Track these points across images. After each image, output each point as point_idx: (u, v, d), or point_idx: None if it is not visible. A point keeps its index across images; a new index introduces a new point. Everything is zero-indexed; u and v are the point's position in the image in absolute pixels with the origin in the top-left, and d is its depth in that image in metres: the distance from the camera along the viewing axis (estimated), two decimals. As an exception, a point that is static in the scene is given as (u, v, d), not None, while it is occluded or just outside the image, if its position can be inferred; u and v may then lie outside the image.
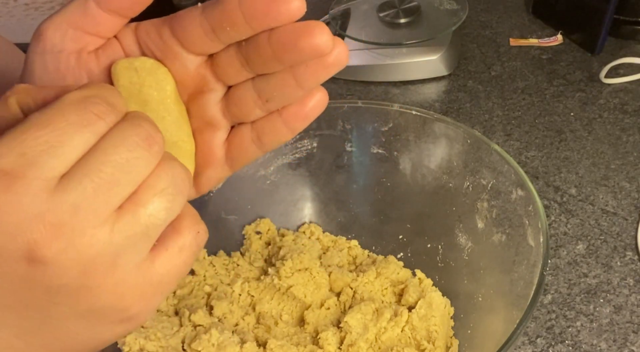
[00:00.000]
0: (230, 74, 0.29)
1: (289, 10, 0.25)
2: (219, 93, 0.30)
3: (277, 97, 0.29)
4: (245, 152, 0.32)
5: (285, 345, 0.47)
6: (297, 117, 0.30)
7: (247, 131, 0.31)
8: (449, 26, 0.79)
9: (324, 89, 0.30)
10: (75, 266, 0.23)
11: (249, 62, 0.29)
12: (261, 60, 0.28)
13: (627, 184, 0.64)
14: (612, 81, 0.75)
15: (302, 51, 0.26)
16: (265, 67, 0.28)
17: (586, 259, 0.57)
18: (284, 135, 0.31)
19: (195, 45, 0.28)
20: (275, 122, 0.30)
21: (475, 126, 0.72)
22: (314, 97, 0.30)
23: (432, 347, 0.47)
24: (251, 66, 0.29)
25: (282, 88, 0.29)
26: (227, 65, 0.29)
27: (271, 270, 0.53)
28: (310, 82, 0.28)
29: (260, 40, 0.27)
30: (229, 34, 0.27)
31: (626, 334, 0.51)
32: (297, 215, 0.59)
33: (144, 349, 0.45)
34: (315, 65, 0.28)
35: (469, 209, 0.51)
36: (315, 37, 0.26)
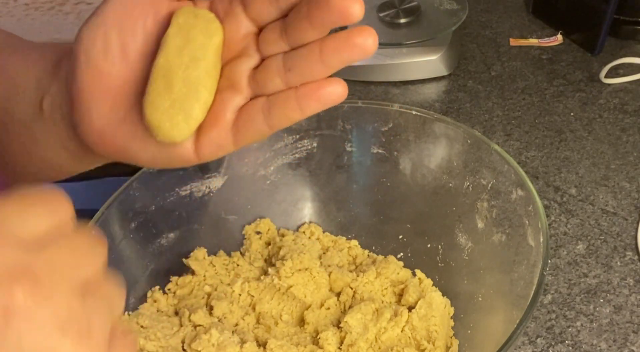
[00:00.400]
0: (269, 42, 0.31)
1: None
2: (253, 61, 0.32)
3: (299, 67, 0.30)
4: (252, 123, 0.32)
5: (285, 345, 0.47)
6: (311, 97, 0.31)
7: (260, 102, 0.32)
8: (449, 26, 0.79)
9: (345, 84, 0.31)
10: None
11: (287, 31, 0.30)
12: (296, 23, 0.30)
13: (627, 184, 0.64)
14: (612, 81, 0.75)
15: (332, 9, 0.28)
16: (299, 33, 0.30)
17: (586, 259, 0.57)
18: (293, 112, 0.31)
19: (256, 10, 0.31)
20: (289, 97, 0.31)
21: (475, 126, 0.72)
22: (332, 84, 0.31)
23: (432, 347, 0.47)
24: (288, 35, 0.30)
25: (306, 58, 0.30)
26: (270, 33, 0.31)
27: (271, 270, 0.53)
28: (332, 59, 0.30)
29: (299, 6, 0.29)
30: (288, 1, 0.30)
31: (626, 334, 0.51)
32: (297, 215, 0.59)
33: (144, 349, 0.45)
34: (342, 43, 0.29)
35: (469, 209, 0.51)
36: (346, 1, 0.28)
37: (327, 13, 0.28)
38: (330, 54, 0.30)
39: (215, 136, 0.32)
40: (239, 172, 0.55)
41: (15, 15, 0.92)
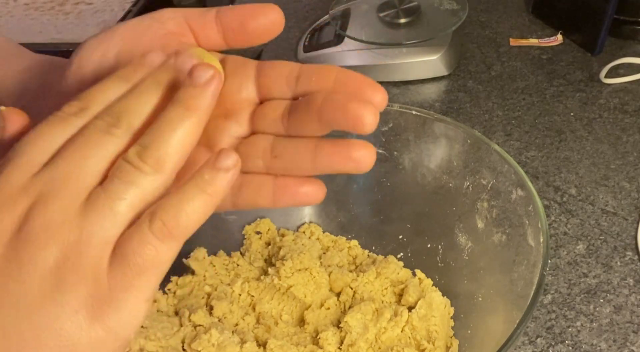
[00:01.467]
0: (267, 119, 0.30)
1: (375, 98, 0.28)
2: (241, 130, 0.31)
3: (287, 158, 0.29)
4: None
5: (285, 345, 0.47)
6: (287, 192, 0.30)
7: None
8: (449, 26, 0.79)
9: (324, 189, 0.30)
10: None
11: (292, 114, 0.29)
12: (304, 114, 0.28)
13: (627, 184, 0.64)
14: (612, 81, 0.75)
15: (347, 115, 0.27)
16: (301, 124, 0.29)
17: (586, 259, 0.57)
18: (263, 200, 0.30)
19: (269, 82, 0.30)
20: (265, 184, 0.30)
21: (475, 126, 0.72)
22: (312, 184, 0.30)
23: (432, 347, 0.47)
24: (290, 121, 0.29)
25: (297, 152, 0.29)
26: (271, 110, 0.30)
27: (271, 270, 0.53)
28: (323, 163, 0.29)
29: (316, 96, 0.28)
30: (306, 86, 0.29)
31: (626, 334, 0.51)
32: (297, 215, 0.59)
33: (144, 349, 0.45)
34: (339, 152, 0.28)
35: (469, 209, 0.51)
36: (365, 110, 0.27)
37: (341, 117, 0.27)
38: (324, 157, 0.28)
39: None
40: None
41: (15, 16, 0.92)
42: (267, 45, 0.89)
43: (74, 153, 0.25)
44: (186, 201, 0.24)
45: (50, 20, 0.90)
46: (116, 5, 0.92)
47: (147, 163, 0.25)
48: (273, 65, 0.30)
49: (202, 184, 0.25)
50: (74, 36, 0.86)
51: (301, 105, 0.29)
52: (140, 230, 0.24)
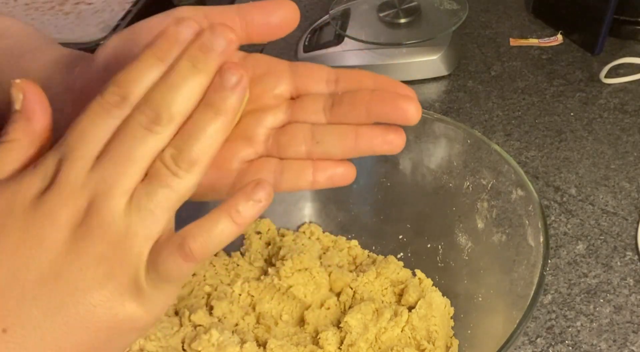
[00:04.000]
0: (308, 110, 0.33)
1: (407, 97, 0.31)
2: (277, 121, 0.33)
3: (328, 144, 0.32)
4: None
5: (285, 345, 0.47)
6: (326, 173, 0.33)
7: (273, 163, 0.33)
8: (449, 26, 0.79)
9: (355, 169, 0.33)
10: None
11: (336, 106, 0.32)
12: (352, 105, 0.31)
13: (627, 184, 0.64)
14: (612, 81, 0.75)
15: (395, 109, 0.31)
16: (349, 113, 0.32)
17: (586, 259, 0.57)
18: (304, 182, 0.33)
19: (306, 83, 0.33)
20: (306, 168, 0.33)
21: (475, 126, 0.72)
22: (346, 166, 0.33)
23: (432, 347, 0.47)
24: (335, 110, 0.32)
25: (340, 138, 0.32)
26: (311, 102, 0.33)
27: (271, 270, 0.53)
28: (366, 146, 0.32)
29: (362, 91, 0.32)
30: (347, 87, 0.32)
31: (626, 334, 0.51)
32: (297, 215, 0.59)
33: (144, 349, 0.45)
34: (378, 134, 0.32)
35: (469, 209, 0.51)
36: (412, 105, 0.31)
37: (391, 110, 0.31)
38: (365, 140, 0.32)
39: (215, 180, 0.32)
40: (239, 172, 0.55)
41: (16, 15, 0.92)
42: (267, 45, 0.89)
43: (120, 154, 0.27)
44: (215, 231, 0.27)
45: (50, 20, 0.90)
46: (116, 5, 0.92)
47: (182, 167, 0.27)
48: (309, 68, 0.33)
49: (234, 214, 0.27)
50: (74, 36, 0.86)
51: (346, 98, 0.32)
52: (169, 249, 0.27)
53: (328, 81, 0.33)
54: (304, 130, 0.32)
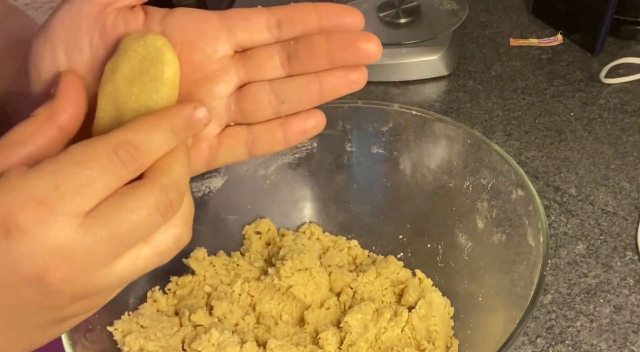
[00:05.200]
0: (265, 69, 0.31)
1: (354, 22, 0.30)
2: (230, 87, 0.31)
3: (294, 100, 0.31)
4: (233, 153, 0.33)
5: (285, 345, 0.47)
6: (297, 131, 0.32)
7: (243, 133, 0.32)
8: (449, 26, 0.79)
9: (324, 117, 0.33)
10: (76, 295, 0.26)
11: (294, 58, 0.31)
12: (310, 57, 0.30)
13: (627, 184, 0.64)
14: (612, 81, 0.75)
15: (357, 52, 0.30)
16: (309, 64, 0.31)
17: (586, 259, 0.57)
18: (278, 144, 0.32)
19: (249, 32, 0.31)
20: (276, 129, 0.32)
21: (475, 126, 0.72)
22: (316, 115, 0.32)
23: (432, 347, 0.47)
24: (293, 63, 0.31)
25: (303, 92, 0.31)
26: (266, 59, 0.31)
27: (271, 270, 0.52)
28: (331, 92, 0.31)
29: (316, 39, 0.30)
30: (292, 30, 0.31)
31: (626, 334, 0.51)
32: (297, 215, 0.59)
33: (144, 349, 0.45)
34: (341, 77, 0.31)
35: (469, 209, 0.51)
36: (371, 43, 0.30)
37: (352, 54, 0.30)
38: (329, 87, 0.31)
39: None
40: (239, 172, 0.55)
41: (15, 15, 0.92)
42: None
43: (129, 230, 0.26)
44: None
45: (50, 20, 0.90)
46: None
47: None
48: (244, 16, 0.31)
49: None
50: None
51: (302, 49, 0.31)
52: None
53: (269, 27, 0.31)
54: (266, 91, 0.31)
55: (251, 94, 0.32)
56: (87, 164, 0.25)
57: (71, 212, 0.25)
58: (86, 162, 0.25)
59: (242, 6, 0.32)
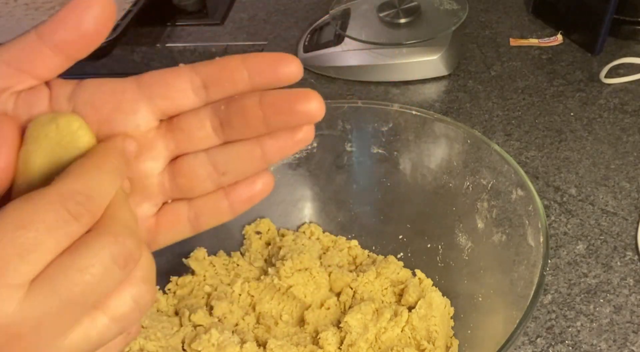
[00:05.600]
0: (196, 139, 0.28)
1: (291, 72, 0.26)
2: (160, 163, 0.28)
3: (236, 169, 0.28)
4: (175, 232, 0.30)
5: (285, 345, 0.47)
6: (243, 198, 0.29)
7: (183, 209, 0.29)
8: (449, 26, 0.79)
9: (273, 176, 0.30)
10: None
11: (227, 125, 0.27)
12: (245, 123, 0.27)
13: (627, 184, 0.64)
14: (612, 81, 0.75)
15: (296, 115, 0.26)
16: (245, 131, 0.27)
17: (586, 259, 0.57)
18: (225, 216, 0.29)
19: (171, 98, 0.27)
20: (220, 201, 0.29)
21: (475, 126, 0.72)
22: (262, 179, 0.29)
23: (432, 347, 0.47)
24: (228, 130, 0.28)
25: (245, 160, 0.28)
26: (196, 128, 0.28)
27: (271, 270, 0.52)
28: (276, 156, 0.28)
29: (248, 103, 0.27)
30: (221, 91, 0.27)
31: (626, 334, 0.51)
32: (297, 215, 0.59)
33: (144, 349, 0.45)
34: (285, 139, 0.27)
35: (469, 209, 0.51)
36: (311, 103, 0.26)
37: (290, 117, 0.26)
38: (274, 153, 0.28)
39: None
40: (239, 172, 0.55)
41: (15, 15, 0.92)
42: (267, 46, 0.89)
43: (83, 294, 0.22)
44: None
45: (50, 20, 0.89)
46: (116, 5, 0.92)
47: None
48: (163, 79, 0.27)
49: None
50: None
51: (235, 116, 0.27)
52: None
53: (195, 89, 0.27)
54: (203, 163, 0.28)
55: (186, 168, 0.28)
56: (31, 226, 0.21)
57: (14, 284, 0.21)
58: (30, 224, 0.22)
59: (242, 6, 0.31)
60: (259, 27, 0.93)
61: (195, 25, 0.95)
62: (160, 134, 0.28)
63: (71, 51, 0.25)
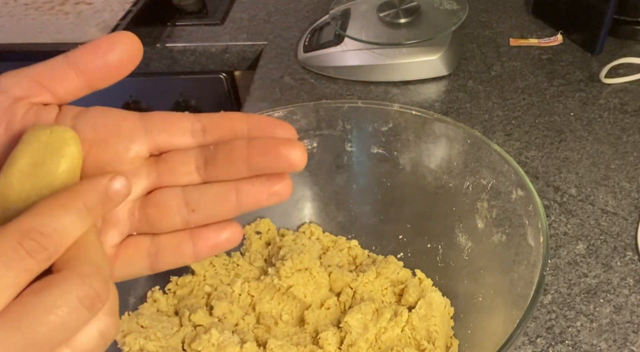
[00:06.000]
0: (178, 173, 0.29)
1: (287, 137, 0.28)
2: (137, 190, 0.29)
3: (207, 208, 0.28)
4: (132, 266, 0.29)
5: (285, 345, 0.47)
6: (208, 244, 0.29)
7: (145, 243, 0.29)
8: (449, 26, 0.79)
9: (241, 230, 0.30)
10: None
11: (210, 164, 0.28)
12: (228, 161, 0.28)
13: (627, 184, 0.64)
14: (612, 81, 0.75)
15: (278, 158, 0.27)
16: (227, 170, 0.28)
17: (586, 259, 0.57)
18: (185, 258, 0.29)
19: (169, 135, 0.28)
20: (183, 243, 0.29)
21: (475, 126, 0.72)
22: (229, 227, 0.29)
23: (432, 347, 0.47)
24: (210, 169, 0.28)
25: (218, 201, 0.28)
26: (180, 162, 0.29)
27: (271, 270, 0.52)
28: (249, 203, 0.28)
29: (237, 143, 0.28)
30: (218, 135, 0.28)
31: (626, 334, 0.51)
32: (297, 215, 0.59)
33: (144, 349, 0.45)
34: (262, 188, 0.28)
35: (469, 209, 0.51)
36: (295, 150, 0.27)
37: (274, 161, 0.27)
38: (248, 198, 0.28)
39: None
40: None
41: (16, 15, 0.92)
42: (267, 46, 0.89)
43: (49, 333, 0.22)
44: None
45: (50, 20, 0.90)
46: (116, 5, 0.92)
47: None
48: (166, 118, 0.29)
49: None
50: (74, 36, 0.86)
51: (221, 153, 0.28)
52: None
53: (193, 132, 0.28)
54: (176, 197, 0.28)
55: (159, 198, 0.29)
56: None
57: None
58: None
59: (242, 6, 0.31)
60: (259, 27, 0.93)
61: (195, 25, 0.95)
62: (146, 164, 0.29)
63: (93, 78, 0.27)
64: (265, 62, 0.86)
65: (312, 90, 0.79)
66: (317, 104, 0.54)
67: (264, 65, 0.85)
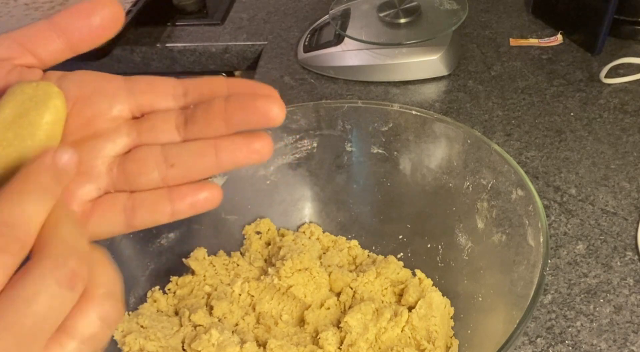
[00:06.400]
0: (158, 131, 0.29)
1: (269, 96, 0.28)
2: (117, 147, 0.29)
3: (186, 163, 0.28)
4: (107, 223, 0.29)
5: (285, 345, 0.47)
6: (185, 203, 0.29)
7: (122, 198, 0.29)
8: (449, 26, 0.79)
9: (221, 191, 0.30)
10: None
11: (191, 121, 0.28)
12: (207, 119, 0.28)
13: (627, 184, 0.64)
14: (612, 81, 0.75)
15: (255, 112, 0.27)
16: (206, 128, 0.28)
17: (586, 259, 0.57)
18: (163, 216, 0.29)
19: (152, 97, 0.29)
20: (161, 198, 0.29)
21: (475, 126, 0.72)
22: (208, 188, 0.29)
23: (432, 347, 0.47)
24: (189, 127, 0.28)
25: (197, 156, 0.28)
26: (161, 121, 0.29)
27: (271, 270, 0.53)
28: (228, 161, 0.28)
29: (215, 100, 0.28)
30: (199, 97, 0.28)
31: (626, 334, 0.51)
32: (297, 215, 0.59)
33: (144, 349, 0.45)
34: (241, 145, 0.28)
35: (469, 209, 0.51)
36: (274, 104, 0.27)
37: (251, 115, 0.27)
38: (226, 155, 0.28)
39: None
40: (239, 172, 0.55)
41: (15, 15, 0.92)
42: (267, 46, 0.89)
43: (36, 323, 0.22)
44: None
45: (50, 20, 0.89)
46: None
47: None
48: (150, 82, 0.29)
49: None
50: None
51: (200, 111, 0.28)
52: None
53: (175, 95, 0.29)
54: (155, 153, 0.28)
55: (138, 155, 0.29)
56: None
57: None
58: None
59: (242, 6, 0.31)
60: (259, 27, 0.93)
61: (195, 25, 0.95)
62: (127, 124, 0.29)
63: (75, 40, 0.27)
64: (265, 62, 0.86)
65: (312, 90, 0.79)
66: (317, 104, 0.54)
67: (264, 65, 0.85)
